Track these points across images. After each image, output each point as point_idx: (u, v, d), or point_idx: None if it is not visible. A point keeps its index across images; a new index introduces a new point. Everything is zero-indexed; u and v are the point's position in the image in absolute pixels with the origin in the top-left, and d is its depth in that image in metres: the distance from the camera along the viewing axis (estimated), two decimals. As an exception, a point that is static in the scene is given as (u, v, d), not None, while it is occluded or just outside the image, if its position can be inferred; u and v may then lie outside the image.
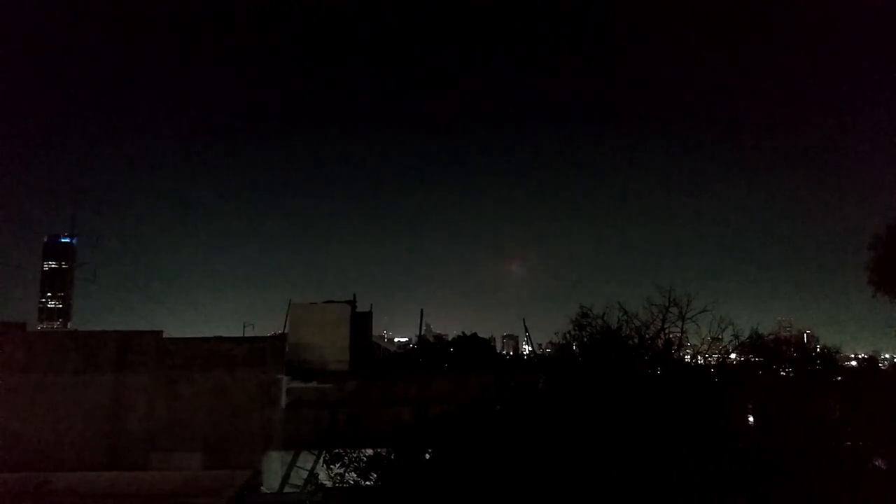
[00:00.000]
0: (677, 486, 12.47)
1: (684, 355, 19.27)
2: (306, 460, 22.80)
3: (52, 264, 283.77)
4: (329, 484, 19.34)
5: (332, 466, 19.61)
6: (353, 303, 30.11)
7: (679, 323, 18.39)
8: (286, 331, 27.48)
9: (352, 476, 18.89)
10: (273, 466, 23.43)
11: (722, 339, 18.60)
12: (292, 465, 23.19)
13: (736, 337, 18.53)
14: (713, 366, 18.77)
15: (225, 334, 26.02)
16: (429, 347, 48.31)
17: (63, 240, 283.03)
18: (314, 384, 24.58)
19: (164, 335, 24.66)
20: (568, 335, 20.04)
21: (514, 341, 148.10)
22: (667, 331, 18.45)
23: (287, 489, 22.64)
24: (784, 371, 20.01)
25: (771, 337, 20.10)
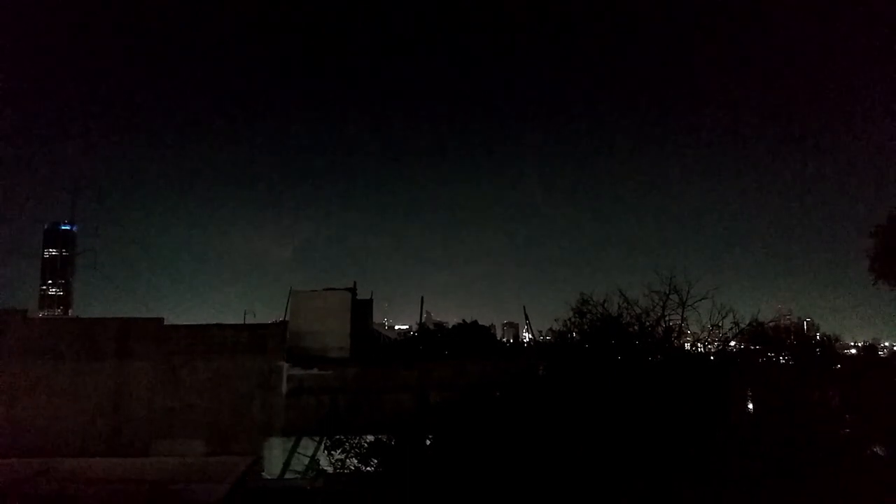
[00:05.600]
0: (678, 473, 12.53)
1: (684, 343, 19.31)
2: (307, 446, 22.89)
3: (53, 251, 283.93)
4: (330, 470, 19.43)
5: (333, 452, 19.68)
6: (353, 290, 30.18)
7: (679, 310, 18.40)
8: (287, 318, 27.54)
9: (353, 462, 18.97)
10: (274, 453, 23.54)
11: (722, 327, 18.60)
12: (293, 451, 23.28)
13: (736, 324, 18.53)
14: (713, 353, 18.79)
15: (226, 321, 26.09)
16: (429, 335, 48.42)
17: (63, 227, 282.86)
18: (315, 371, 24.66)
19: (165, 322, 24.71)
20: (568, 322, 20.05)
21: (515, 329, 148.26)
22: (667, 318, 18.44)
23: (288, 475, 22.75)
24: (783, 359, 20.04)
25: (771, 324, 20.10)
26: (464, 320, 47.33)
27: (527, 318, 42.08)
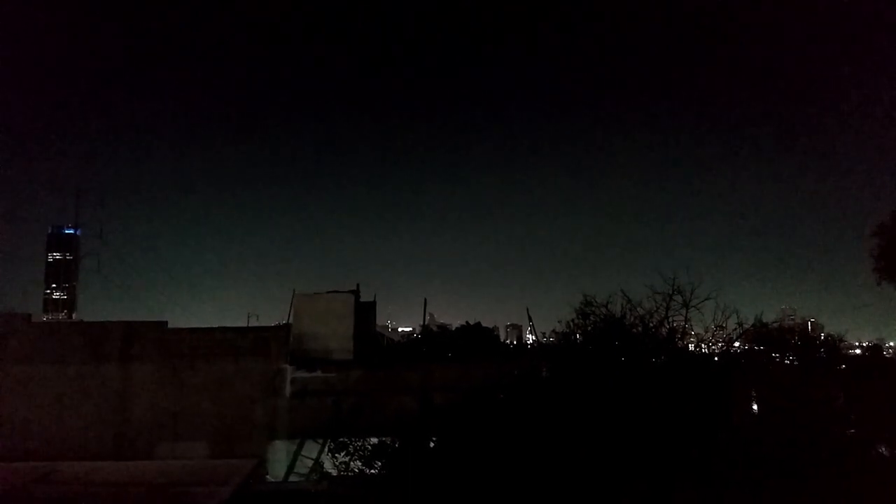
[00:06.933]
0: (680, 474, 12.50)
1: (688, 344, 19.23)
2: (311, 449, 22.92)
3: (57, 255, 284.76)
4: (334, 472, 19.45)
5: (336, 455, 19.72)
6: (356, 293, 30.17)
7: (683, 311, 18.32)
8: (290, 321, 27.57)
9: (357, 464, 19.00)
10: (278, 455, 23.54)
11: (725, 328, 18.53)
12: (297, 453, 23.30)
13: (740, 325, 18.45)
14: (717, 354, 18.73)
15: (229, 325, 26.14)
16: (433, 337, 48.53)
17: (67, 231, 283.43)
18: (319, 373, 24.68)
19: (169, 325, 24.76)
20: (571, 324, 20.02)
21: (518, 330, 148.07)
22: (670, 319, 18.37)
23: (292, 478, 22.76)
24: (788, 359, 19.98)
25: (775, 325, 20.02)
26: (467, 322, 47.51)
27: (530, 319, 41.93)
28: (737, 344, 19.05)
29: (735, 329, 18.51)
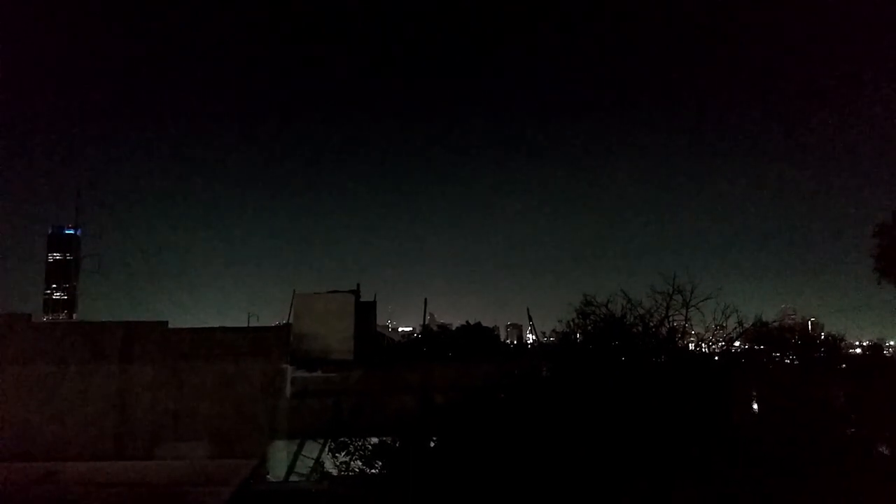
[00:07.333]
0: (681, 473, 12.51)
1: (688, 343, 19.24)
2: (312, 449, 22.91)
3: (57, 256, 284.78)
4: (334, 472, 19.46)
5: (337, 455, 19.71)
6: (357, 292, 30.19)
7: (683, 311, 18.33)
8: (291, 321, 27.58)
9: (357, 464, 19.00)
10: (279, 455, 23.55)
11: (726, 327, 18.53)
12: (298, 454, 23.30)
13: (740, 324, 18.46)
14: (717, 353, 18.75)
15: (229, 325, 26.16)
16: (433, 337, 48.58)
17: (67, 231, 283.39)
18: (319, 373, 24.70)
19: (169, 325, 24.76)
20: (571, 323, 20.04)
21: (518, 330, 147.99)
22: (671, 318, 18.38)
23: (293, 478, 22.77)
24: (788, 359, 20.02)
25: (775, 324, 20.05)
26: (467, 322, 47.57)
27: (530, 319, 42.11)
28: (737, 343, 19.06)
29: (735, 328, 18.52)
